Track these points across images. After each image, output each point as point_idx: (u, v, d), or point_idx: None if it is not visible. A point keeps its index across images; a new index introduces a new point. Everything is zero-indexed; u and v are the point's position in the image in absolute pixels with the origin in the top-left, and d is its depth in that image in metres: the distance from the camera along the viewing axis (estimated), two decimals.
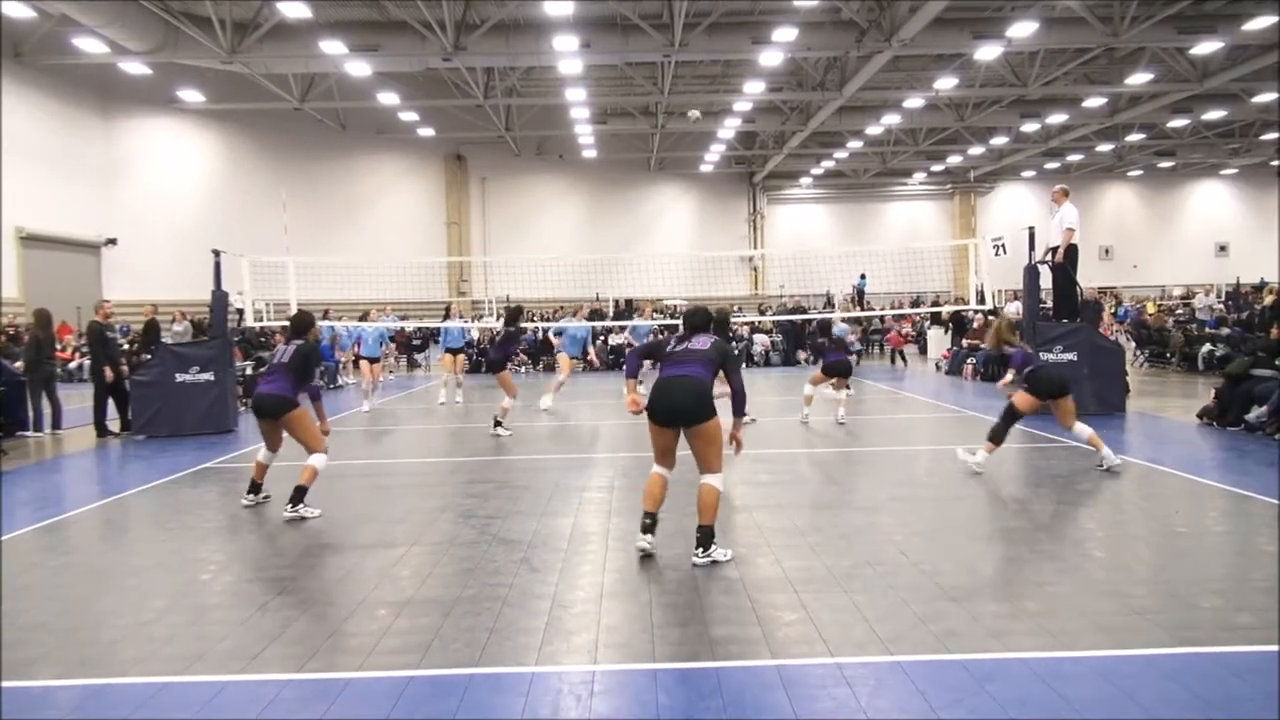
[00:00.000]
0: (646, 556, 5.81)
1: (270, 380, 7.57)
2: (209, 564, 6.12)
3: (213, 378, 12.52)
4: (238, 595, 5.44)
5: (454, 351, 16.17)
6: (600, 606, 4.99)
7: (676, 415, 5.73)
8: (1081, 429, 8.48)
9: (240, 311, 15.28)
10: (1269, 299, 19.16)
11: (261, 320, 17.53)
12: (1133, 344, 21.51)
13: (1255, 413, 10.55)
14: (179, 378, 12.36)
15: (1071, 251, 11.89)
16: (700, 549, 5.68)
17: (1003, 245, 13.07)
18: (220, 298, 13.07)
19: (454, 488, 8.64)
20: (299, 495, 7.24)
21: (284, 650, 4.45)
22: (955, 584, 5.26)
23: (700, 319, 6.22)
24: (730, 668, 4.11)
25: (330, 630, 4.71)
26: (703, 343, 5.98)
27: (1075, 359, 11.98)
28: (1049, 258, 12.42)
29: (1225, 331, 18.89)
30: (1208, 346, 18.03)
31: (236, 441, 11.78)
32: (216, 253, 13.12)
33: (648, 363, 6.52)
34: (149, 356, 13.31)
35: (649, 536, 5.83)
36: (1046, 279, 13.12)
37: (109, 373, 12.62)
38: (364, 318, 17.73)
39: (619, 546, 6.20)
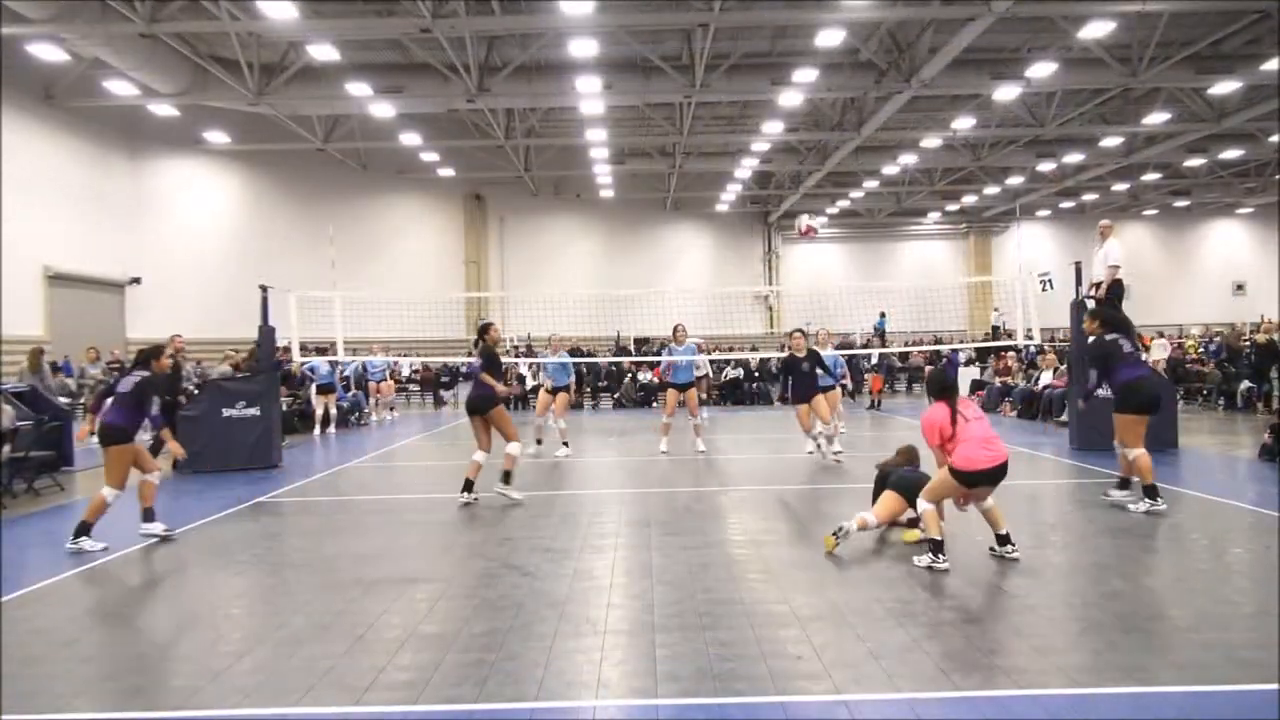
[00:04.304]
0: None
1: (113, 410, 7.81)
2: (228, 600, 6.09)
3: (258, 413, 12.49)
4: (239, 628, 5.41)
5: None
6: (604, 641, 4.96)
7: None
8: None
9: (287, 348, 15.14)
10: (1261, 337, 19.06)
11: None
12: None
13: None
14: (224, 413, 12.38)
15: (1116, 287, 11.86)
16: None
17: (1049, 280, 13.01)
18: (268, 333, 13.08)
19: (461, 523, 8.61)
20: (84, 529, 7.43)
21: (280, 683, 4.42)
22: (969, 619, 5.19)
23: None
24: (734, 704, 4.08)
25: (329, 665, 4.66)
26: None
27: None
28: (1093, 292, 12.37)
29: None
30: (1246, 384, 17.94)
31: (283, 477, 11.77)
32: (264, 288, 13.12)
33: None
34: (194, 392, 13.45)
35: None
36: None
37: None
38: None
39: (623, 581, 6.15)
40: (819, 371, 11.85)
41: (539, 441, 13.63)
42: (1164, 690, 4.13)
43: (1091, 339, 8.74)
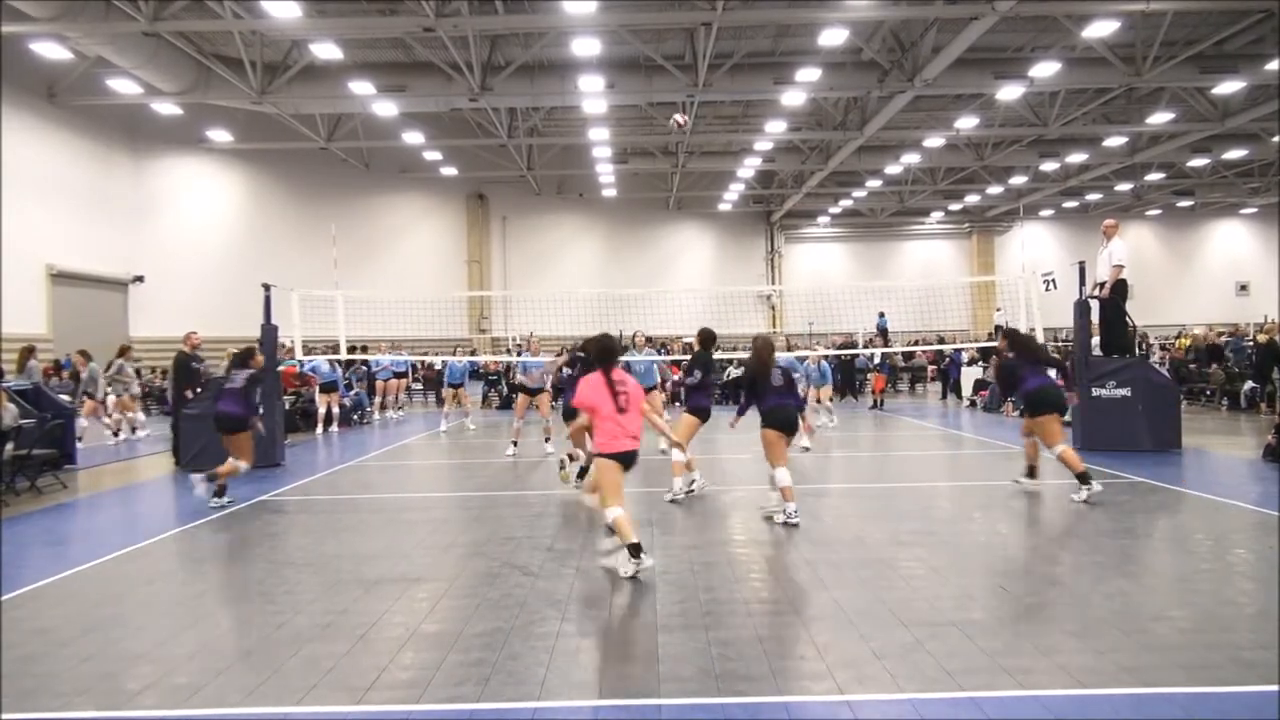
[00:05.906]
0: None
1: (228, 402, 9.63)
2: (213, 597, 6.08)
3: (261, 411, 12.44)
4: (242, 627, 5.42)
5: (530, 392, 14.70)
6: (606, 640, 4.98)
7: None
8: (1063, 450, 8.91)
9: (290, 347, 15.14)
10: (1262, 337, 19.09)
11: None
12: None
13: None
14: None
15: (1120, 286, 11.82)
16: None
17: (1053, 280, 12.99)
18: (270, 332, 13.07)
19: (463, 522, 8.61)
20: (221, 489, 9.37)
21: (282, 682, 4.42)
22: (971, 619, 5.18)
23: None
24: (736, 704, 4.08)
25: (330, 664, 4.66)
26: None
27: (1129, 395, 11.82)
28: (1097, 292, 12.35)
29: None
30: (1250, 384, 17.95)
31: (286, 475, 11.77)
32: (267, 287, 13.11)
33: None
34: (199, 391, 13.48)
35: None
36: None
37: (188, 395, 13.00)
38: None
39: (625, 581, 6.15)
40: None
41: (514, 440, 13.60)
42: (1166, 691, 4.12)
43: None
